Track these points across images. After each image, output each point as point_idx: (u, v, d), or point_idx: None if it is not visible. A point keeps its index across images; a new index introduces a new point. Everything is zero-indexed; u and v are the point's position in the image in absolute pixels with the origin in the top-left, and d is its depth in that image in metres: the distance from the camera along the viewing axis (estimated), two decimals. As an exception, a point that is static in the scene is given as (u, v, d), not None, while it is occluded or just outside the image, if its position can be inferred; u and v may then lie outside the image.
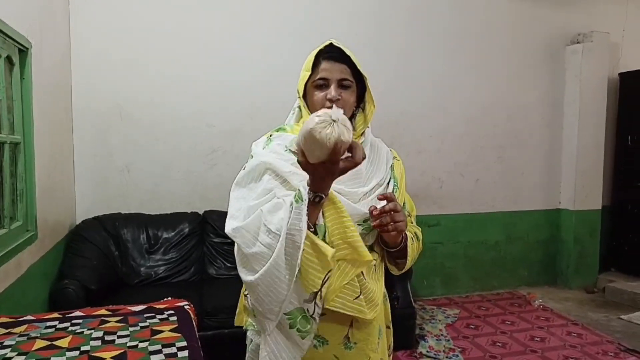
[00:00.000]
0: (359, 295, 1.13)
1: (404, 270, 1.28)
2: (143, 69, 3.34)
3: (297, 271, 1.03)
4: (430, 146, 4.10)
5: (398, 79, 3.94)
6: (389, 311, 1.38)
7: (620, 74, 4.60)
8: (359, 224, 1.15)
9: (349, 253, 1.11)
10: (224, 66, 3.48)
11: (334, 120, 0.93)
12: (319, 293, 1.07)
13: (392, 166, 1.29)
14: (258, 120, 3.48)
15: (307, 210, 1.00)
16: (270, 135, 1.25)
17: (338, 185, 1.12)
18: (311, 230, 1.04)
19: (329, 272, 1.05)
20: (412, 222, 1.33)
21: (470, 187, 4.26)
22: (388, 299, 1.38)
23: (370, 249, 1.20)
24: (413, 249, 1.24)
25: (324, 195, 1.03)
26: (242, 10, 3.51)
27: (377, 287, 1.20)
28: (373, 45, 3.84)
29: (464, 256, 4.28)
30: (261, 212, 1.07)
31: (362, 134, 1.25)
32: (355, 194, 1.17)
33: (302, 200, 1.01)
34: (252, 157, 1.22)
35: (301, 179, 1.08)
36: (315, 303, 1.08)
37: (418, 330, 3.30)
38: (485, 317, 3.69)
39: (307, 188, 1.02)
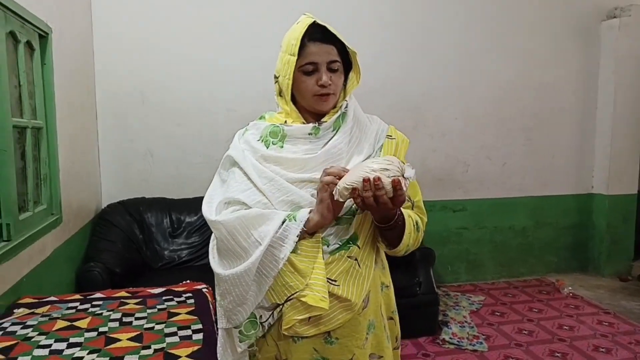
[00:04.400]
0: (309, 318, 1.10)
1: (396, 255, 1.19)
2: (164, 53, 3.34)
3: (269, 282, 1.07)
4: (454, 128, 3.99)
5: (419, 59, 3.82)
6: (392, 301, 1.31)
7: (661, 51, 4.34)
8: (337, 218, 1.12)
9: (305, 295, 1.07)
10: (244, 50, 3.45)
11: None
12: (281, 307, 1.09)
13: (381, 146, 1.21)
14: (278, 104, 3.45)
15: (299, 235, 1.06)
16: (248, 125, 1.25)
17: (313, 174, 1.10)
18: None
19: (297, 291, 1.07)
20: (412, 209, 1.24)
21: (497, 170, 4.13)
22: (391, 288, 1.31)
23: (354, 240, 1.14)
24: (409, 238, 1.15)
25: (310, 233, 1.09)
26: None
27: (357, 287, 1.13)
28: (392, 24, 3.74)
29: (490, 242, 4.17)
30: (244, 215, 1.09)
31: (340, 107, 1.19)
32: None
33: (293, 221, 1.06)
34: (230, 148, 1.23)
35: (265, 182, 1.12)
36: (272, 314, 1.11)
37: (441, 317, 3.25)
38: (511, 305, 3.60)
39: (307, 216, 1.07)
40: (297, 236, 1.06)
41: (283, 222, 1.07)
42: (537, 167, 4.22)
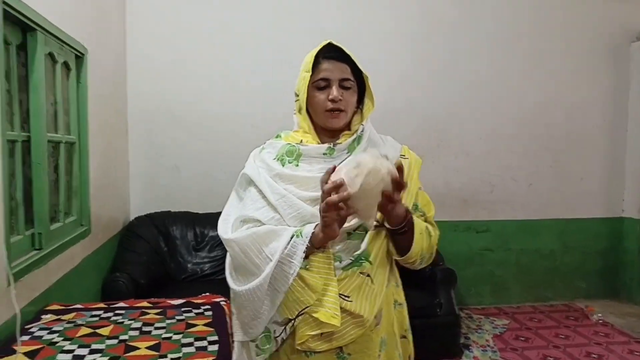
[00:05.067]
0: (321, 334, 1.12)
1: (413, 265, 1.19)
2: (192, 73, 3.48)
3: (281, 298, 1.10)
4: (479, 148, 3.96)
5: (444, 79, 3.84)
6: (406, 319, 1.31)
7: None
8: (348, 233, 1.14)
9: (317, 311, 1.09)
10: (268, 68, 3.55)
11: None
12: (293, 321, 1.11)
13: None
14: (302, 122, 3.51)
15: (306, 249, 1.07)
16: (264, 144, 1.28)
17: (319, 192, 1.10)
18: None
19: (308, 306, 1.09)
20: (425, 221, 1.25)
21: (522, 191, 4.06)
22: (404, 306, 1.31)
23: (366, 256, 1.15)
24: (422, 241, 1.16)
25: (317, 247, 1.10)
26: (287, 13, 3.57)
27: (369, 303, 1.14)
28: (418, 44, 3.78)
29: (515, 264, 4.08)
30: (255, 232, 1.13)
31: (355, 131, 1.22)
32: None
33: (300, 237, 1.08)
34: (245, 166, 1.26)
35: (278, 198, 1.14)
36: (285, 329, 1.13)
37: (463, 340, 3.19)
38: (537, 330, 3.50)
39: (313, 231, 1.09)
40: (304, 252, 1.08)
41: (292, 238, 1.10)
42: (565, 189, 4.13)
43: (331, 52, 1.18)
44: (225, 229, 1.20)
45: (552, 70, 4.02)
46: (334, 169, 1.05)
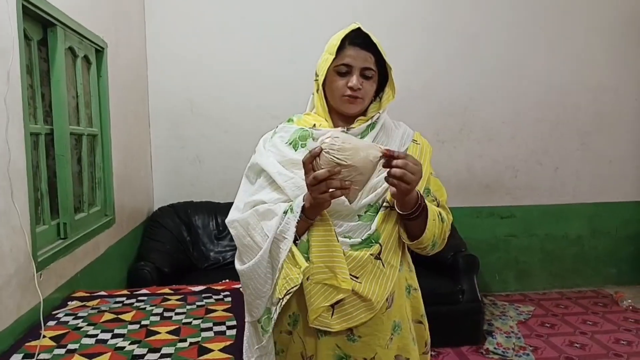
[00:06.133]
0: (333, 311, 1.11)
1: (424, 250, 1.18)
2: (213, 65, 3.50)
3: (277, 276, 1.11)
4: (503, 133, 3.87)
5: (464, 61, 3.75)
6: (421, 305, 1.30)
7: None
8: (359, 216, 1.14)
9: (329, 278, 1.09)
10: (286, 59, 3.54)
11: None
12: (281, 301, 1.11)
13: (406, 149, 1.22)
14: (320, 110, 3.50)
15: (297, 222, 1.08)
16: (276, 128, 1.28)
17: None
18: (296, 242, 1.11)
19: (295, 286, 1.09)
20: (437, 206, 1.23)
21: (548, 176, 3.96)
22: (419, 291, 1.29)
23: (376, 238, 1.14)
24: (434, 227, 1.14)
25: (311, 218, 1.10)
26: (305, 5, 3.55)
27: (379, 287, 1.13)
28: (437, 25, 3.69)
29: (541, 250, 4.00)
30: (256, 210, 1.15)
31: (370, 117, 1.22)
32: None
33: (292, 213, 1.09)
34: (255, 152, 1.26)
35: (286, 179, 1.15)
36: (276, 309, 1.13)
37: (486, 326, 3.15)
38: (563, 316, 3.43)
39: (302, 204, 1.09)
40: (295, 227, 1.08)
41: (285, 214, 1.10)
42: (593, 172, 4.00)
43: (358, 39, 1.16)
44: (233, 214, 1.22)
45: (577, 49, 3.87)
46: (321, 150, 1.02)
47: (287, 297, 1.10)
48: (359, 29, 1.18)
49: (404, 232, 1.18)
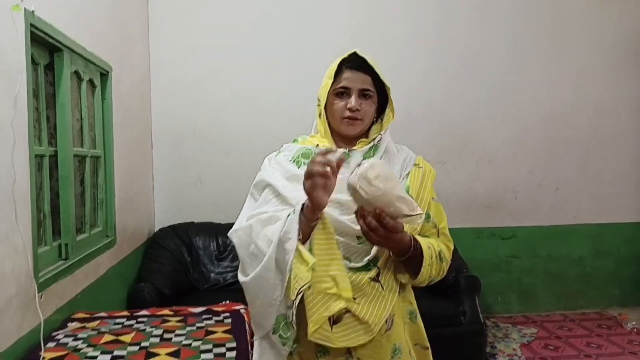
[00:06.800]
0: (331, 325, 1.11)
1: (420, 285, 1.20)
2: (213, 88, 3.56)
3: (287, 278, 1.07)
4: (502, 153, 3.89)
5: (464, 83, 3.79)
6: (422, 330, 1.29)
7: None
8: (358, 238, 1.14)
9: (331, 287, 1.09)
10: (289, 83, 3.59)
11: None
12: (294, 301, 1.08)
13: (408, 174, 1.24)
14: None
15: (299, 221, 1.07)
16: (281, 147, 1.30)
17: (336, 195, 1.10)
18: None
19: (306, 283, 1.06)
20: (437, 236, 1.24)
21: (549, 197, 3.97)
22: (418, 316, 1.29)
23: (374, 262, 1.15)
24: (430, 269, 1.15)
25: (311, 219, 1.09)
26: (306, 26, 3.62)
27: (377, 309, 1.13)
28: (434, 46, 3.75)
29: (544, 271, 3.97)
30: (258, 217, 1.14)
31: (373, 139, 1.24)
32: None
33: (294, 214, 1.08)
34: (260, 170, 1.28)
35: (291, 191, 1.15)
36: (292, 310, 1.10)
37: (489, 349, 3.12)
38: (567, 338, 3.39)
39: (302, 203, 1.08)
40: (298, 224, 1.07)
41: (288, 217, 1.10)
42: (594, 193, 4.00)
43: (355, 62, 1.21)
44: (236, 226, 1.22)
45: (577, 70, 3.91)
46: (328, 151, 1.05)
47: (299, 296, 1.07)
48: (355, 53, 1.22)
49: (401, 273, 1.19)
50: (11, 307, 1.50)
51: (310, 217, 1.07)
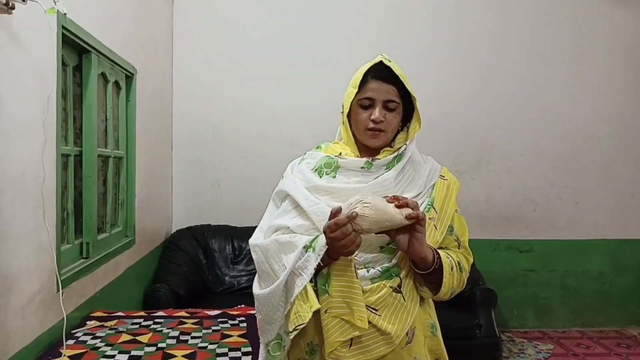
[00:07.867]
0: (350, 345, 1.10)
1: (441, 299, 1.18)
2: (235, 93, 3.60)
3: (290, 306, 1.11)
4: (521, 165, 3.85)
5: (483, 92, 3.77)
6: (442, 344, 1.27)
7: None
8: (381, 247, 1.13)
9: (346, 313, 1.08)
10: (308, 90, 3.62)
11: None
12: (290, 334, 1.11)
13: (433, 185, 1.23)
14: (339, 139, 3.55)
15: (317, 263, 1.06)
16: (304, 154, 1.30)
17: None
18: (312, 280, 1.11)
19: (303, 324, 1.08)
20: (459, 247, 1.23)
21: (568, 210, 3.90)
22: (438, 329, 1.27)
23: (396, 272, 1.14)
24: (452, 279, 1.14)
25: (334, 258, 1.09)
26: (326, 38, 3.65)
27: (399, 321, 1.12)
28: (454, 58, 3.74)
29: (561, 287, 3.90)
30: (277, 239, 1.15)
31: (398, 149, 1.23)
32: None
33: (313, 251, 1.07)
34: (283, 177, 1.28)
35: (311, 204, 1.15)
36: (288, 338, 1.13)
37: (504, 363, 3.07)
38: (584, 356, 3.32)
39: (326, 247, 1.06)
40: (315, 268, 1.07)
41: (305, 250, 1.09)
42: (615, 207, 3.93)
43: (380, 72, 1.18)
44: (255, 237, 1.23)
45: (597, 81, 3.85)
46: (339, 210, 1.05)
47: (295, 332, 1.10)
48: (381, 62, 1.20)
49: (424, 290, 1.18)
50: (34, 303, 1.53)
51: (336, 258, 1.09)
